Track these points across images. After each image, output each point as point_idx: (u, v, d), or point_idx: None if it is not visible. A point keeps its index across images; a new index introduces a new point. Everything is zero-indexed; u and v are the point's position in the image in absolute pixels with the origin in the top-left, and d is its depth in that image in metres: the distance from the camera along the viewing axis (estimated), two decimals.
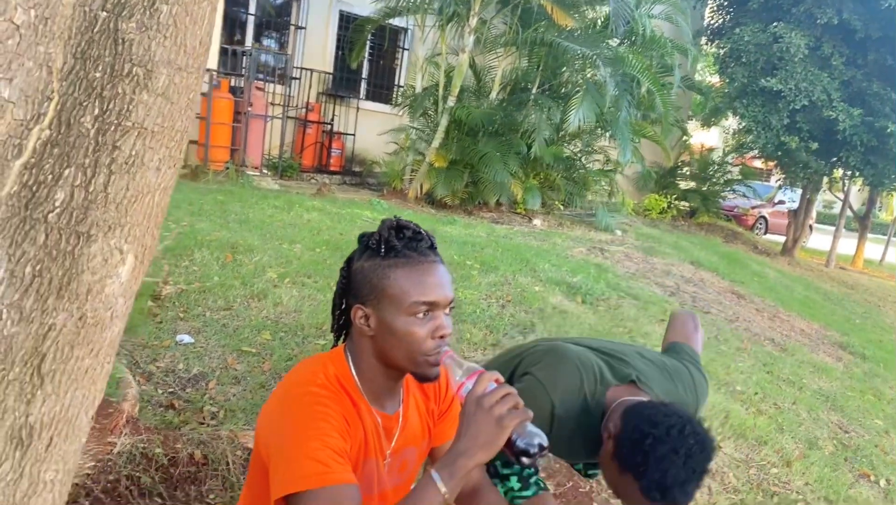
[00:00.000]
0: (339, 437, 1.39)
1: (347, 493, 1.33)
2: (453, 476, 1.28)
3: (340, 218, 6.91)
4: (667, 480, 1.54)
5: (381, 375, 1.52)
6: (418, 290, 1.44)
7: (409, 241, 1.48)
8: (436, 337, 1.46)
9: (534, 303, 5.13)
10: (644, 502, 1.59)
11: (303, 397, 1.42)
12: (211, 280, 4.35)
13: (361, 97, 12.20)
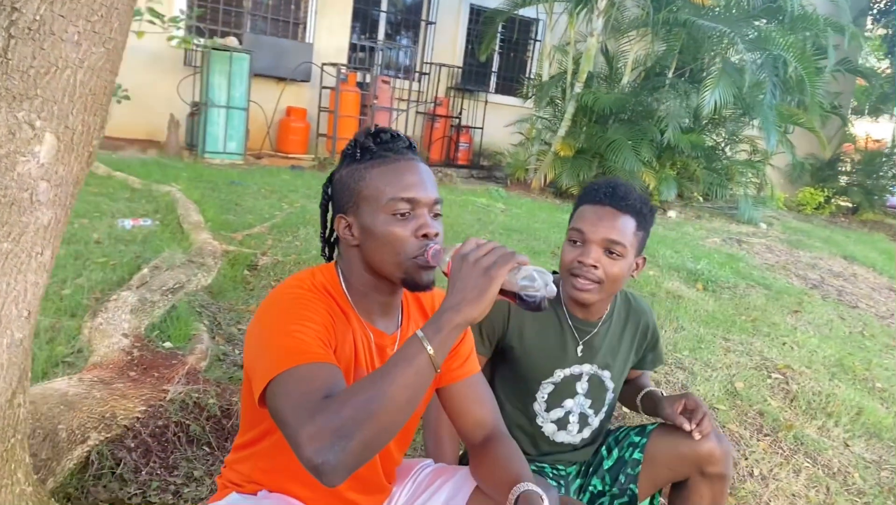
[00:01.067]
0: (324, 328, 1.28)
1: (329, 370, 1.20)
2: (439, 331, 1.15)
3: (452, 203, 6.84)
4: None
5: (373, 288, 1.41)
6: (395, 187, 1.34)
7: (385, 143, 1.39)
8: (419, 236, 1.34)
9: (644, 287, 4.79)
10: None
11: (285, 295, 1.33)
12: (308, 253, 4.38)
13: (490, 91, 12.12)
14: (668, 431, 1.94)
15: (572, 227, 1.80)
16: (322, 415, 1.09)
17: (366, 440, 1.09)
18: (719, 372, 3.61)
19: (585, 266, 1.74)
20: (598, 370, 1.94)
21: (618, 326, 1.96)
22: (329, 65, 9.14)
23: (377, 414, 1.10)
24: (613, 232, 1.74)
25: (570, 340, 1.90)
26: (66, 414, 2.08)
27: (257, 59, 8.52)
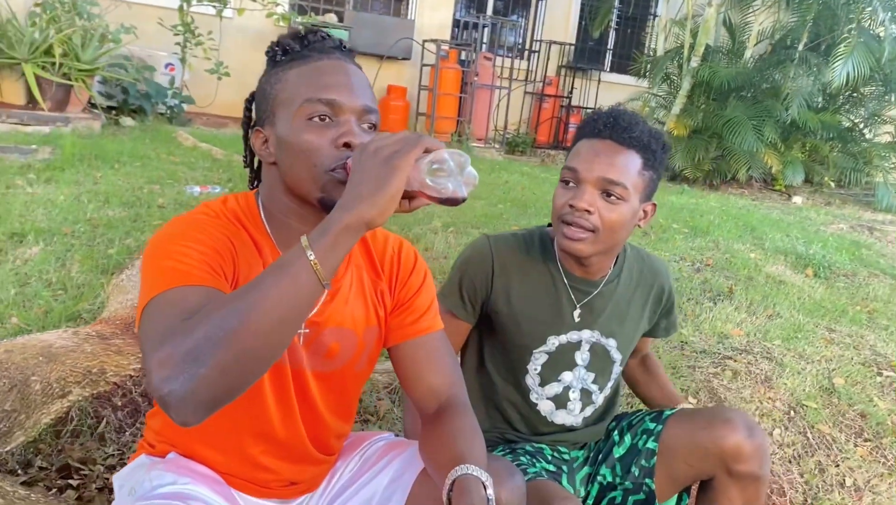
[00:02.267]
0: (216, 253, 1.06)
1: (204, 293, 0.98)
2: (325, 233, 0.93)
3: (543, 181, 6.50)
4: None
5: (295, 216, 1.18)
6: (313, 86, 1.12)
7: (308, 43, 1.18)
8: (339, 145, 1.10)
9: (741, 269, 4.29)
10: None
11: (179, 219, 1.13)
12: None
13: (605, 69, 11.55)
14: (687, 417, 1.61)
15: (565, 165, 1.50)
16: (175, 336, 0.88)
17: (223, 365, 0.87)
18: (815, 365, 3.12)
19: (577, 210, 1.44)
20: (602, 338, 1.62)
21: (626, 287, 1.63)
22: (430, 41, 8.96)
23: (238, 332, 0.87)
24: (612, 170, 1.44)
25: (566, 301, 1.59)
26: (43, 366, 1.98)
27: (357, 37, 8.47)
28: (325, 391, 1.29)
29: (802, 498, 2.46)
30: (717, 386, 2.85)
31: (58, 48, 5.95)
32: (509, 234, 1.63)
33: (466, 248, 1.63)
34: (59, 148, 4.98)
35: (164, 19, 7.39)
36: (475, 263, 1.58)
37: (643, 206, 1.52)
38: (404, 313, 1.31)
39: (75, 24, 6.14)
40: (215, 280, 1.03)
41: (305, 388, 1.25)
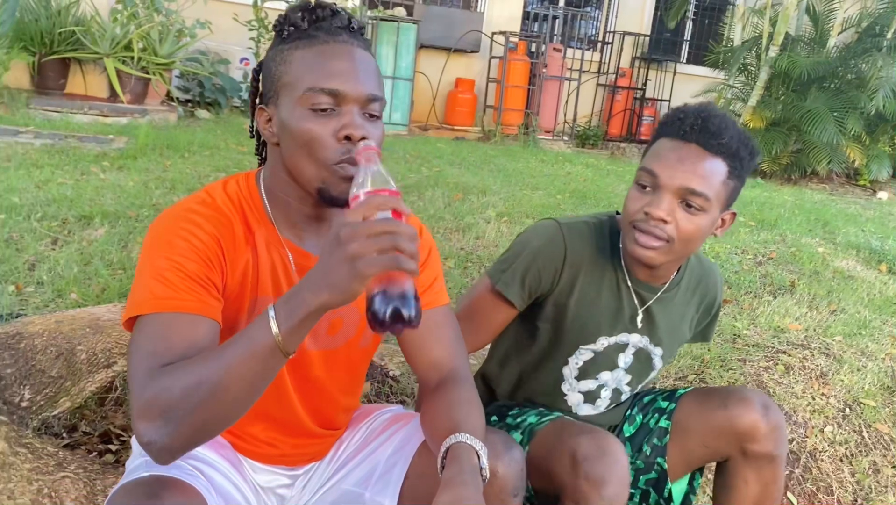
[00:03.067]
0: (200, 259, 1.09)
1: (187, 323, 1.04)
2: (291, 314, 0.94)
3: (607, 173, 6.39)
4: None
5: (296, 198, 1.19)
6: (316, 74, 1.11)
7: (318, 21, 1.15)
8: (340, 139, 1.10)
9: (806, 263, 4.11)
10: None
11: (171, 213, 1.15)
12: (426, 213, 4.24)
13: (681, 60, 11.25)
14: (702, 396, 1.57)
15: (643, 166, 1.39)
16: (155, 388, 0.96)
17: (197, 426, 0.97)
18: (878, 363, 2.97)
19: (653, 219, 1.35)
20: (650, 345, 1.57)
21: (684, 295, 1.57)
22: (498, 34, 8.93)
23: (207, 402, 0.95)
24: (696, 179, 1.32)
25: (628, 304, 1.53)
26: (90, 337, 2.08)
27: (426, 30, 8.53)
28: (332, 368, 1.31)
29: (852, 498, 2.35)
30: (766, 380, 2.75)
31: (137, 43, 6.22)
32: (580, 221, 1.52)
33: (533, 233, 1.52)
34: (133, 138, 5.21)
35: (239, 15, 7.61)
36: (546, 253, 1.47)
37: (722, 214, 1.42)
38: None
39: (153, 20, 6.41)
40: (203, 301, 1.07)
41: (307, 367, 1.27)
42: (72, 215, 3.43)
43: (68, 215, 3.42)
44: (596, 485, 1.24)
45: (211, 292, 1.10)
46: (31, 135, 4.82)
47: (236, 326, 1.19)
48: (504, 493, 1.23)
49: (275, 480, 1.38)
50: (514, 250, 1.51)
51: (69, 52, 6.30)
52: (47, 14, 6.24)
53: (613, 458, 1.28)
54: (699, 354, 2.88)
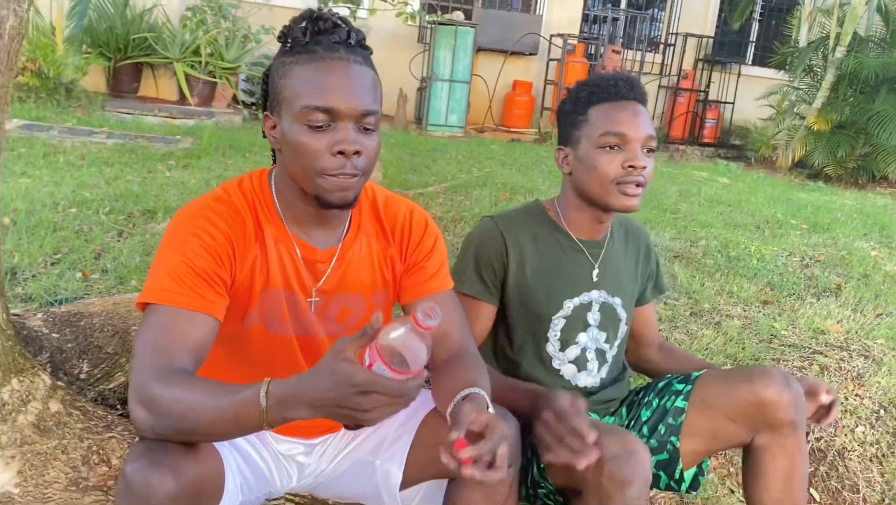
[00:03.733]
0: (210, 257, 1.22)
1: (187, 319, 1.17)
2: (283, 405, 1.03)
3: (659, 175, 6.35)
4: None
5: (300, 197, 1.30)
6: (312, 91, 1.20)
7: (318, 34, 1.23)
8: (334, 153, 1.20)
9: (856, 267, 4.04)
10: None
11: (189, 210, 1.29)
12: (471, 211, 4.34)
13: (747, 62, 11.04)
14: (722, 375, 1.65)
15: (606, 131, 1.54)
16: (154, 390, 1.08)
17: (180, 434, 1.09)
18: None
19: (638, 169, 1.54)
20: (609, 297, 1.69)
21: (620, 245, 1.73)
22: (556, 36, 8.97)
23: (189, 429, 1.08)
24: (649, 127, 1.57)
25: (585, 263, 1.66)
26: None
27: (484, 33, 8.63)
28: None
29: (879, 497, 2.34)
30: None
31: (204, 49, 6.53)
32: (509, 211, 1.69)
33: (471, 235, 1.67)
34: (198, 139, 5.49)
35: None
36: (487, 244, 1.62)
37: None
38: (417, 274, 1.42)
39: (221, 27, 6.71)
40: (206, 298, 1.19)
41: (320, 352, 1.36)
42: (137, 210, 3.66)
43: (134, 210, 3.66)
44: (620, 485, 1.29)
45: (215, 289, 1.22)
46: (104, 135, 5.13)
47: (247, 313, 1.32)
48: None
49: (293, 448, 1.50)
50: (462, 255, 1.65)
51: (142, 57, 6.66)
52: (122, 21, 6.61)
53: (638, 458, 1.33)
54: (732, 353, 2.90)
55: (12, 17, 1.26)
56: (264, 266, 1.31)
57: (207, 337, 1.19)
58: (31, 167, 4.20)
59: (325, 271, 1.37)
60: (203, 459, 1.13)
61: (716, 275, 3.67)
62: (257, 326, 1.33)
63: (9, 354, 1.52)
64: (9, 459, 1.47)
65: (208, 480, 1.16)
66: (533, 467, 1.54)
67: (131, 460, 1.08)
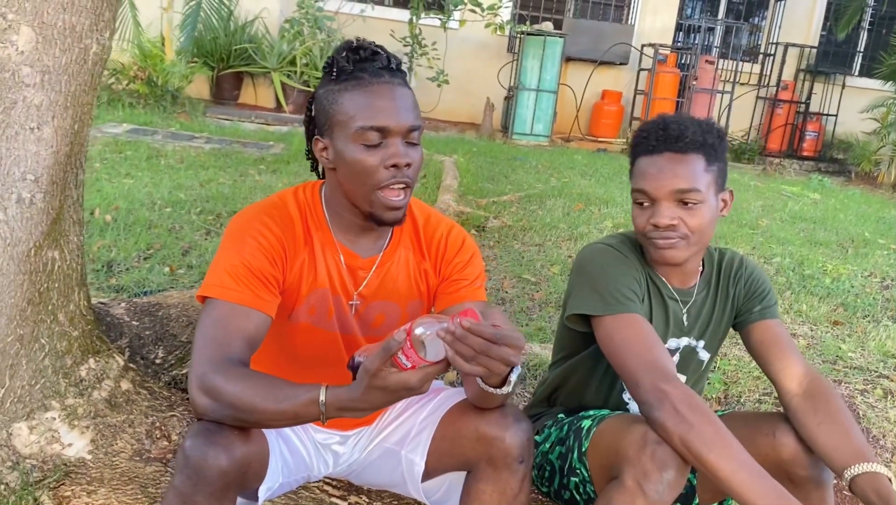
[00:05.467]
0: (265, 259, 1.38)
1: (243, 314, 1.32)
2: (342, 411, 1.18)
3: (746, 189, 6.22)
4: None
5: (349, 211, 1.46)
6: (365, 113, 1.35)
7: (361, 62, 1.39)
8: (388, 166, 1.36)
9: None
10: None
11: (249, 213, 1.45)
12: (543, 221, 4.41)
13: (853, 73, 10.57)
14: (745, 421, 1.62)
15: (634, 188, 1.58)
16: (217, 379, 1.20)
17: (238, 422, 1.22)
18: None
19: (662, 229, 1.53)
20: (693, 341, 1.71)
21: (713, 288, 1.71)
22: (648, 46, 8.88)
23: (251, 419, 1.21)
24: (680, 180, 1.51)
25: (675, 309, 1.67)
26: None
27: (574, 43, 8.65)
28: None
29: None
30: (860, 403, 2.70)
31: (300, 59, 6.86)
32: (603, 243, 1.66)
33: (591, 257, 1.63)
34: (289, 145, 5.78)
35: (396, 31, 8.13)
36: (619, 261, 1.60)
37: (720, 196, 1.58)
38: (451, 284, 1.53)
39: (316, 38, 7.03)
40: (260, 296, 1.33)
41: (356, 346, 1.48)
42: (225, 210, 3.93)
43: (223, 210, 3.94)
44: (659, 466, 1.34)
45: (269, 288, 1.36)
46: (203, 140, 5.50)
47: (294, 309, 1.46)
48: (510, 458, 1.42)
49: (330, 438, 1.64)
50: (595, 277, 1.59)
51: (243, 67, 7.07)
52: (226, 32, 7.03)
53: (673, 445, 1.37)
54: None
55: (95, 45, 1.46)
56: (312, 269, 1.46)
57: (260, 331, 1.34)
58: (135, 169, 4.56)
59: (366, 278, 1.50)
60: (253, 441, 1.27)
61: (786, 293, 3.61)
62: (304, 322, 1.48)
63: (88, 336, 1.73)
64: (84, 428, 1.67)
65: (255, 460, 1.30)
66: (573, 453, 1.60)
67: (191, 437, 1.22)
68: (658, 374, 1.41)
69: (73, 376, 1.67)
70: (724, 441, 1.31)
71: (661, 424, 1.35)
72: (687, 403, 1.34)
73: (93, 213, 3.60)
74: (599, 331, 1.55)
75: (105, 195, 3.90)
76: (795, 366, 1.57)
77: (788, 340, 1.64)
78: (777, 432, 1.53)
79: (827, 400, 1.51)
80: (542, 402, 1.85)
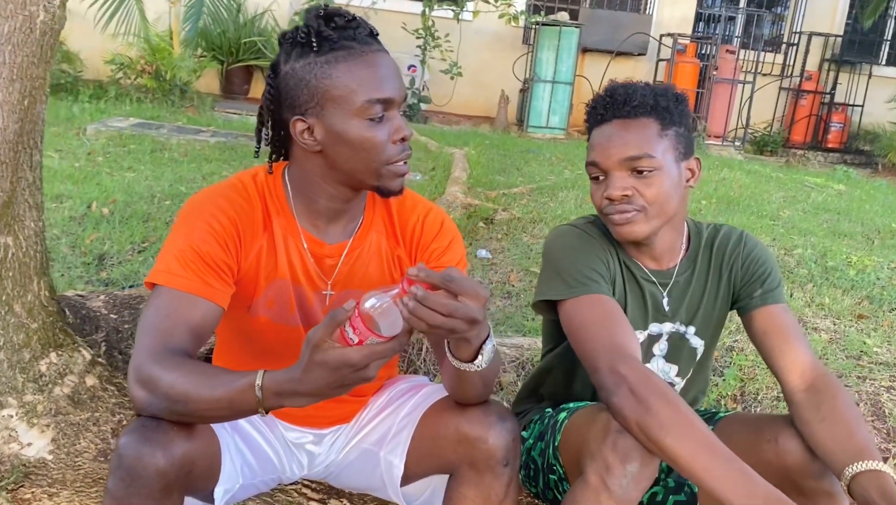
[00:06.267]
0: (217, 243, 1.26)
1: (188, 303, 1.21)
2: (279, 397, 1.05)
3: (768, 180, 6.02)
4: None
5: (327, 196, 1.32)
6: (369, 85, 1.22)
7: (344, 30, 1.25)
8: (396, 140, 1.25)
9: None
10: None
11: (202, 195, 1.33)
12: (554, 213, 4.27)
13: (879, 62, 10.28)
14: (748, 425, 1.48)
15: (586, 161, 1.46)
16: (153, 371, 1.11)
17: (175, 415, 1.12)
18: None
19: (616, 202, 1.40)
20: (680, 326, 1.55)
21: (702, 270, 1.55)
22: (666, 36, 8.68)
23: (186, 410, 1.10)
24: (629, 147, 1.39)
25: (655, 293, 1.53)
26: None
27: (591, 34, 8.48)
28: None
29: None
30: (885, 400, 2.54)
31: None
32: (569, 225, 1.55)
33: (554, 241, 1.51)
34: None
35: (408, 24, 8.01)
36: (582, 241, 1.48)
37: (685, 165, 1.45)
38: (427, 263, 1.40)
39: None
40: (209, 284, 1.22)
41: None
42: None
43: None
44: (622, 458, 1.23)
45: (219, 275, 1.25)
46: (209, 133, 5.41)
47: (253, 301, 1.34)
48: (493, 460, 1.30)
49: (303, 437, 1.52)
50: (557, 264, 1.47)
51: (252, 61, 6.98)
52: (235, 26, 6.95)
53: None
54: None
55: (42, 12, 1.35)
56: (271, 256, 1.34)
57: (207, 321, 1.22)
58: (138, 162, 4.48)
59: (335, 268, 1.38)
60: (197, 438, 1.16)
61: (807, 286, 3.43)
62: (263, 316, 1.36)
63: (49, 329, 1.62)
64: (44, 427, 1.57)
65: (201, 459, 1.19)
66: (549, 449, 1.49)
67: (125, 435, 1.12)
68: (616, 356, 1.27)
69: (31, 371, 1.57)
70: (683, 423, 1.18)
71: (618, 410, 1.22)
72: (644, 384, 1.21)
73: (90, 207, 3.52)
74: (562, 316, 1.42)
75: (104, 188, 3.82)
76: (800, 358, 1.41)
77: (794, 328, 1.47)
78: (780, 437, 1.38)
79: (833, 395, 1.35)
80: (530, 396, 1.72)
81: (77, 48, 6.51)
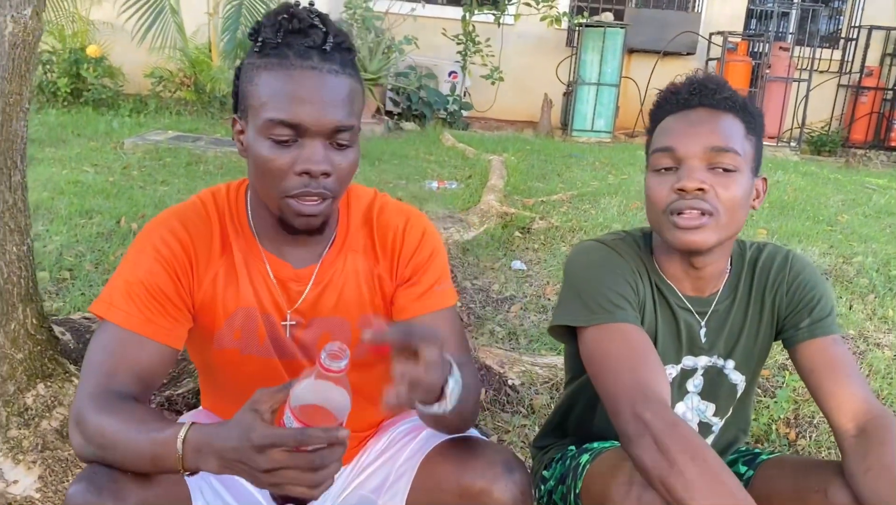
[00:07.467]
0: (165, 275, 1.15)
1: (135, 344, 1.10)
2: (197, 455, 0.94)
3: (826, 182, 5.71)
4: None
5: (268, 211, 1.18)
6: (277, 104, 1.07)
7: (291, 35, 1.10)
8: (299, 172, 1.08)
9: None
10: None
11: (157, 219, 1.22)
12: (595, 221, 4.09)
13: None
14: (792, 469, 1.33)
15: (654, 148, 1.26)
16: (89, 412, 1.03)
17: (112, 464, 1.02)
18: None
19: (689, 192, 1.19)
20: (718, 359, 1.38)
21: (743, 297, 1.37)
22: (716, 34, 8.38)
23: (113, 459, 1.01)
24: (716, 136, 1.20)
25: (692, 322, 1.35)
26: None
27: (637, 34, 8.24)
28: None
29: None
30: None
31: None
32: (595, 240, 1.37)
33: (577, 258, 1.35)
34: None
35: (448, 30, 7.91)
36: (610, 260, 1.31)
37: (755, 181, 1.27)
38: (410, 289, 1.27)
39: (365, 39, 6.86)
40: (149, 324, 1.11)
41: (300, 370, 1.26)
42: None
43: None
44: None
45: (168, 311, 1.14)
46: None
47: (217, 333, 1.22)
48: None
49: None
50: (579, 281, 1.31)
51: None
52: None
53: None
54: (876, 389, 2.49)
55: (11, 23, 1.26)
56: (232, 282, 1.21)
57: (155, 364, 1.12)
58: (172, 175, 4.46)
59: (302, 292, 1.25)
60: (155, 485, 1.04)
61: (868, 297, 3.18)
62: (230, 346, 1.23)
63: (37, 359, 1.54)
64: (30, 463, 1.48)
65: None
66: (570, 494, 1.35)
67: (75, 483, 1.01)
68: (640, 398, 1.11)
69: (16, 405, 1.48)
70: (712, 483, 1.01)
71: (640, 462, 1.07)
72: (670, 435, 1.05)
73: (118, 222, 3.48)
74: (582, 346, 1.26)
75: (135, 202, 3.78)
76: (852, 399, 1.22)
77: (845, 364, 1.28)
78: (830, 488, 1.19)
79: (881, 441, 1.15)
80: (553, 431, 1.56)
81: (119, 63, 6.57)
